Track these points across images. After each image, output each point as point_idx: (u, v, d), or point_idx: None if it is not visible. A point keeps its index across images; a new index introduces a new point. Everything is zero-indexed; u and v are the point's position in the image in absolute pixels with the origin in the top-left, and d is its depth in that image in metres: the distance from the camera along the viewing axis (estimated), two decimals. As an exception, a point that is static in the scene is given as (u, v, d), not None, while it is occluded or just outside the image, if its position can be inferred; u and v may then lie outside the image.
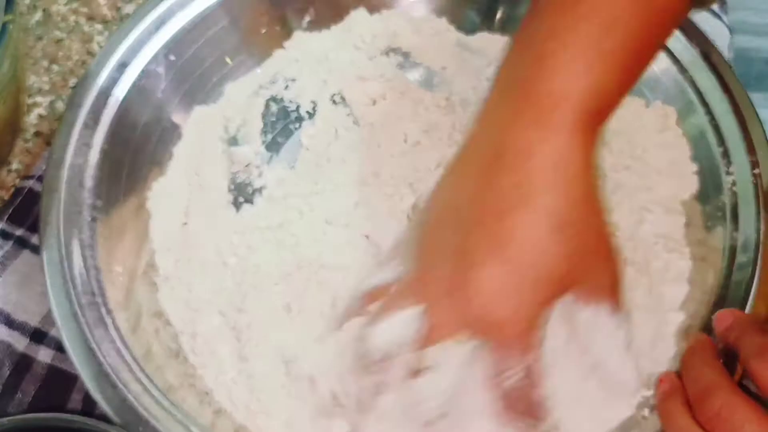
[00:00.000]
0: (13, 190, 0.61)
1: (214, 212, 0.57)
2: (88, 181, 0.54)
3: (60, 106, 0.64)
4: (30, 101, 0.65)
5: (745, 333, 0.46)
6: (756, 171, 0.55)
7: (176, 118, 0.60)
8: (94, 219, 0.53)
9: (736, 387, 0.44)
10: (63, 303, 0.50)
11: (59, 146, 0.54)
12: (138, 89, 0.57)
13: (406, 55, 0.63)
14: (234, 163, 0.59)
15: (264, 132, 0.61)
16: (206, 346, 0.53)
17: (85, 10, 0.68)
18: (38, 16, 0.68)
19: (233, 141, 0.61)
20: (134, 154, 0.57)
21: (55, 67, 0.66)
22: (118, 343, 0.50)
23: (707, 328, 0.50)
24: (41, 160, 0.61)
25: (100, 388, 0.48)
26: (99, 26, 0.67)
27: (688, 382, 0.46)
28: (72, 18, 0.68)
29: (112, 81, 0.57)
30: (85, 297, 0.50)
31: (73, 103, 0.56)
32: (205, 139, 0.60)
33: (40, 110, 0.64)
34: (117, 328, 0.50)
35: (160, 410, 0.48)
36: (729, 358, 0.47)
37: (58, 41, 0.67)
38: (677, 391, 0.47)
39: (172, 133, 0.59)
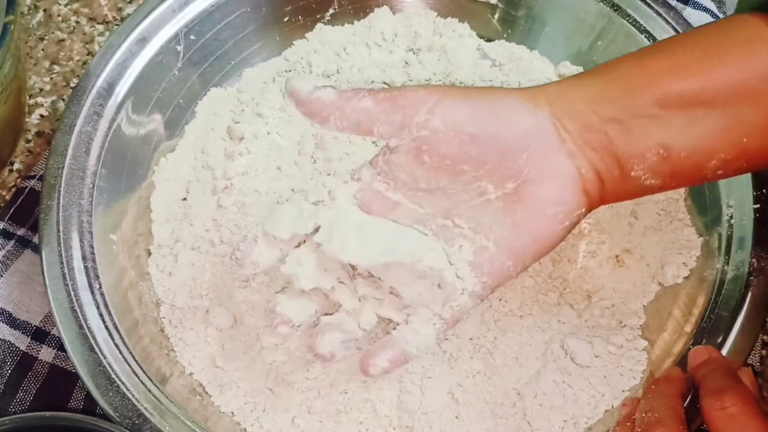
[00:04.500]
0: (14, 190, 0.61)
1: (209, 190, 0.58)
2: (95, 150, 0.55)
3: (61, 106, 0.64)
4: (31, 101, 0.65)
5: (712, 372, 0.46)
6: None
7: (191, 97, 0.61)
8: (95, 186, 0.54)
9: (679, 427, 0.44)
10: (61, 299, 0.50)
11: (71, 111, 0.55)
12: (155, 64, 0.58)
13: (424, 55, 0.64)
14: (230, 138, 0.60)
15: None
16: (181, 320, 0.55)
17: (86, 10, 0.68)
18: (39, 16, 0.68)
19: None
20: (144, 127, 0.58)
21: (56, 68, 0.66)
22: (117, 339, 0.50)
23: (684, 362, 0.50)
24: (43, 160, 0.62)
25: (99, 386, 0.48)
26: (100, 27, 0.67)
27: (640, 411, 0.46)
28: (73, 18, 0.68)
29: (131, 54, 0.57)
30: (83, 293, 0.51)
31: (90, 73, 0.56)
32: (216, 121, 0.61)
33: (42, 110, 0.64)
34: (116, 326, 0.51)
35: (160, 407, 0.48)
36: (697, 396, 0.46)
37: (60, 42, 0.67)
38: (631, 418, 0.47)
39: (187, 111, 0.61)
